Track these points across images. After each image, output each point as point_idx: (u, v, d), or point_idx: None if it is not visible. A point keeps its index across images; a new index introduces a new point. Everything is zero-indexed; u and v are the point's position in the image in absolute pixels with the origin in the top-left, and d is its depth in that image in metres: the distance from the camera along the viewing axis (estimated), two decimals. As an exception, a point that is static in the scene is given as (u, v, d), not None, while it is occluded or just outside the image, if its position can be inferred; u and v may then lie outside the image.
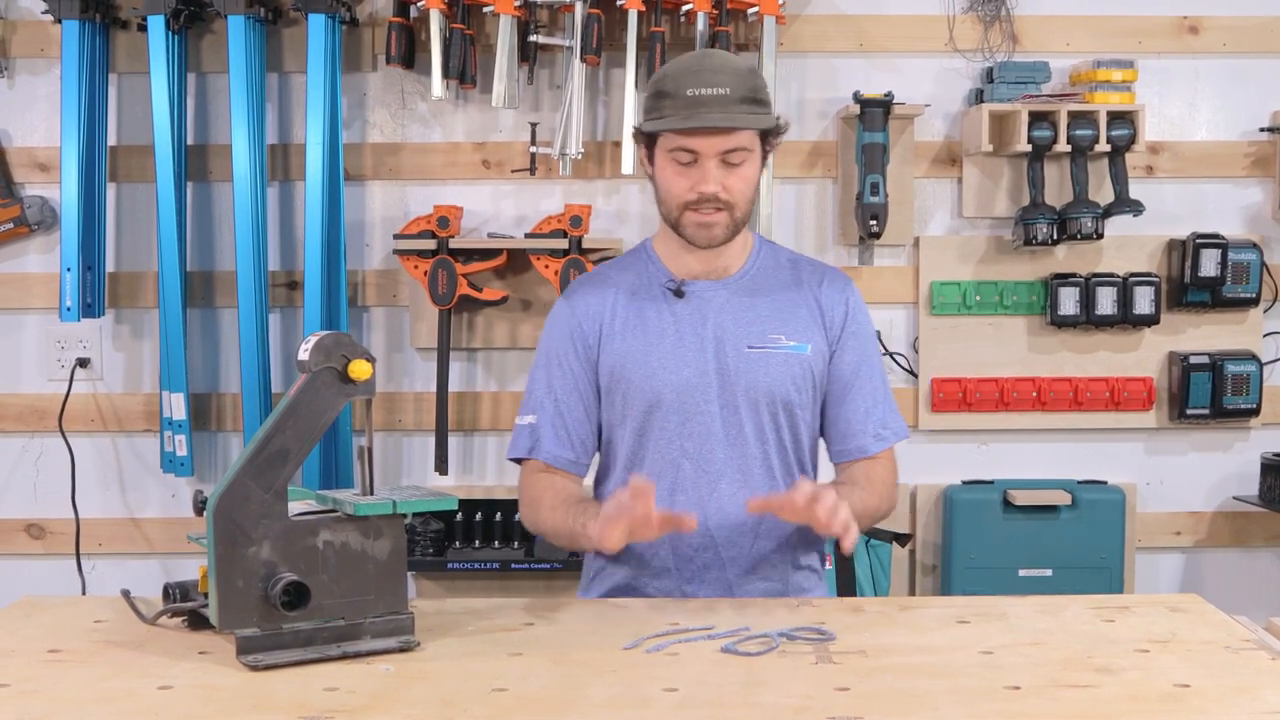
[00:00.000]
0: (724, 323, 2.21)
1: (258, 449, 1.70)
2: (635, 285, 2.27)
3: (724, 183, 2.13)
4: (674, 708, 1.53)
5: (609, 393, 2.25)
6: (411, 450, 3.65)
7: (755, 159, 2.16)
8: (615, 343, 2.23)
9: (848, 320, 2.27)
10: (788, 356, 2.21)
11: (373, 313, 3.62)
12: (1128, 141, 3.43)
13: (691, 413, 2.19)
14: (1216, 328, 3.64)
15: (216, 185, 3.57)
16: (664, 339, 2.21)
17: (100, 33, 3.44)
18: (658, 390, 2.19)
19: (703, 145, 2.11)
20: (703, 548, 2.20)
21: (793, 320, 2.23)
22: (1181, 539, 3.70)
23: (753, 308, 2.23)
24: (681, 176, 2.14)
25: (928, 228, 3.63)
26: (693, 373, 2.19)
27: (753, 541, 2.21)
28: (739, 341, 2.20)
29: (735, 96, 2.10)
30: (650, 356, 2.21)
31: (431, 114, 3.59)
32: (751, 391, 2.19)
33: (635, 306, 2.24)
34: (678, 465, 2.20)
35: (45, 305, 3.55)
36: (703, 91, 2.09)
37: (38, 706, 1.54)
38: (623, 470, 2.25)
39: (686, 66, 2.14)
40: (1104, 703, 1.55)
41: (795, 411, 2.23)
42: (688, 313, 2.22)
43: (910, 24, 3.59)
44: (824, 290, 2.27)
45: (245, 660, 1.67)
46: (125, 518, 3.64)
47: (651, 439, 2.21)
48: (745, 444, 2.20)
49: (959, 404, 3.61)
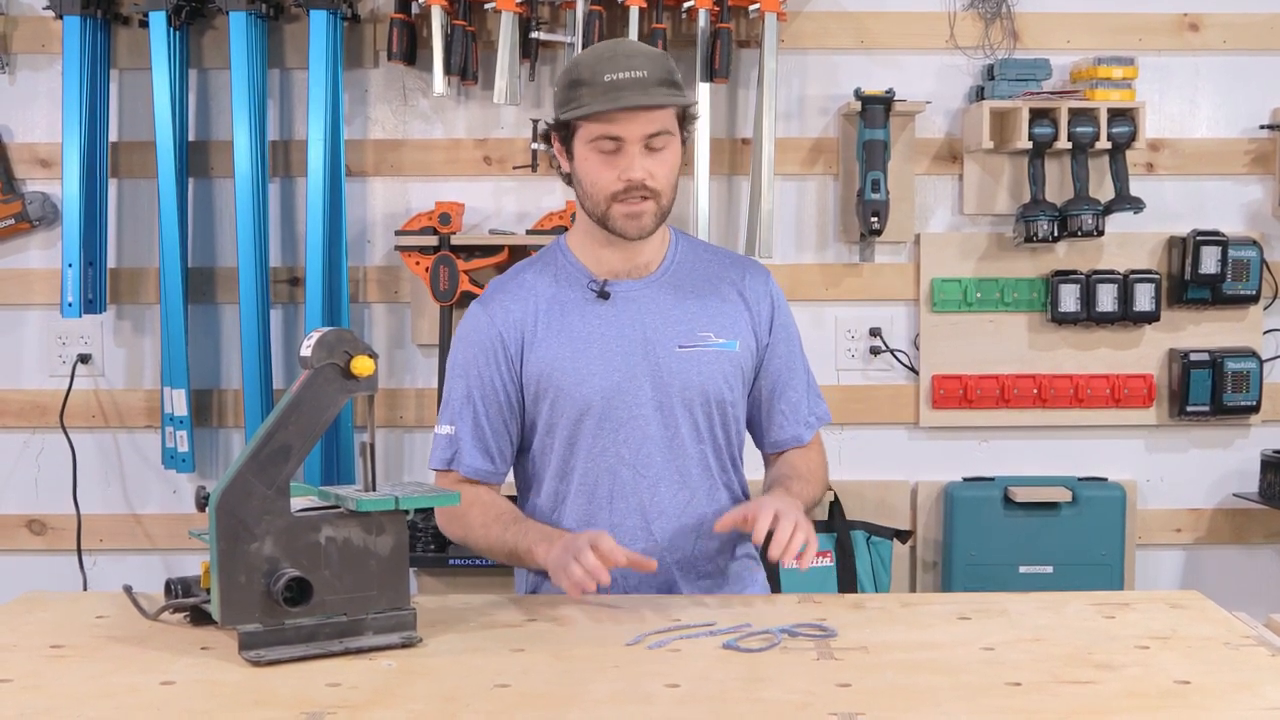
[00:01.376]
0: (652, 323, 2.17)
1: (260, 445, 1.70)
2: (555, 288, 2.20)
3: (649, 169, 2.08)
4: (676, 704, 1.54)
5: (535, 401, 2.18)
6: (413, 446, 3.65)
7: (676, 144, 2.12)
8: (539, 350, 2.17)
9: (775, 313, 2.25)
10: (718, 354, 2.18)
11: (374, 309, 3.63)
12: (1128, 139, 3.43)
13: (625, 418, 2.15)
14: (1217, 325, 3.64)
15: (218, 181, 3.57)
16: (591, 343, 2.16)
17: (102, 28, 3.44)
18: (587, 397, 2.14)
19: (626, 130, 2.05)
20: (646, 552, 2.14)
21: (720, 316, 2.20)
22: (1182, 536, 3.71)
23: (679, 305, 2.19)
24: (606, 167, 2.08)
25: (928, 225, 3.63)
26: (623, 377, 2.15)
27: (694, 541, 2.19)
28: (669, 341, 2.16)
29: (653, 79, 2.05)
30: (578, 362, 2.15)
31: (433, 110, 3.59)
32: (686, 392, 2.16)
33: (558, 311, 2.18)
34: (614, 471, 2.16)
35: (47, 301, 3.55)
36: (620, 75, 2.04)
37: (39, 702, 1.55)
38: (554, 479, 2.20)
39: (599, 54, 2.09)
40: (1104, 699, 1.55)
41: (728, 409, 2.21)
42: (614, 314, 2.17)
43: (911, 21, 3.59)
44: (747, 284, 2.25)
45: (247, 656, 1.67)
46: (126, 513, 3.64)
47: (583, 446, 2.17)
48: (682, 445, 2.17)
49: (960, 401, 3.61)
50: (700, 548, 2.20)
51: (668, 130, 2.09)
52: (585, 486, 2.18)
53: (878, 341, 3.62)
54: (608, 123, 2.06)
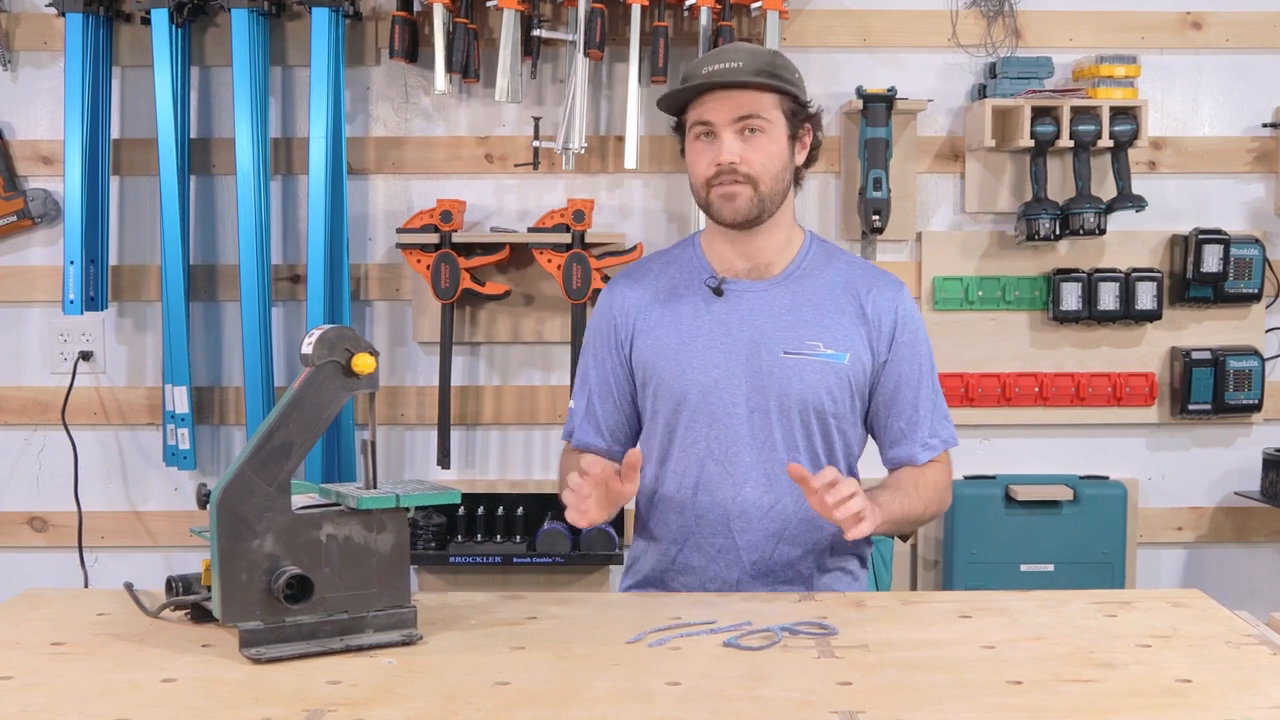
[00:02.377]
0: (761, 325, 2.19)
1: (261, 442, 1.70)
2: (676, 280, 2.26)
3: (742, 154, 2.11)
4: (676, 701, 1.54)
5: (643, 387, 2.25)
6: (414, 444, 3.65)
7: (778, 132, 2.14)
8: (648, 338, 2.22)
9: (897, 329, 2.23)
10: (824, 365, 2.18)
11: (375, 307, 3.63)
12: (1130, 137, 3.43)
13: (718, 414, 2.18)
14: (1219, 323, 3.64)
15: (219, 179, 3.57)
16: (696, 338, 2.20)
17: (104, 26, 3.44)
18: (684, 389, 2.19)
19: (715, 114, 2.11)
20: (724, 549, 2.20)
21: (834, 327, 2.20)
22: (1183, 534, 3.71)
23: (793, 311, 2.20)
24: (702, 153, 2.14)
25: (930, 223, 3.63)
26: (722, 374, 2.18)
27: (775, 546, 2.20)
28: (775, 346, 2.18)
29: (748, 69, 2.11)
30: (681, 354, 2.20)
31: (434, 108, 3.59)
32: (783, 398, 2.17)
33: (672, 302, 2.23)
34: (703, 464, 2.20)
35: (48, 298, 3.56)
36: (717, 67, 2.11)
37: (40, 699, 1.55)
38: (655, 464, 2.26)
39: (708, 54, 2.18)
40: (1106, 697, 1.55)
41: (829, 420, 2.20)
42: (724, 312, 2.20)
43: (913, 19, 3.59)
44: (873, 296, 2.23)
45: (248, 653, 1.67)
46: (128, 511, 3.64)
47: (679, 436, 2.21)
48: (773, 449, 2.18)
49: (961, 399, 3.61)
50: (781, 553, 2.21)
51: (762, 115, 2.12)
52: (676, 475, 2.22)
53: (879, 340, 3.62)
54: (699, 109, 2.12)
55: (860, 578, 2.32)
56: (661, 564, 2.27)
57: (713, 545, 2.21)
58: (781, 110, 2.15)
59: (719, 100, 2.11)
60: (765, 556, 2.20)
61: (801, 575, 2.23)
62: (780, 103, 2.15)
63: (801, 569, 2.23)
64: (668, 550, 2.25)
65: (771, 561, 2.21)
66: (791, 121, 2.17)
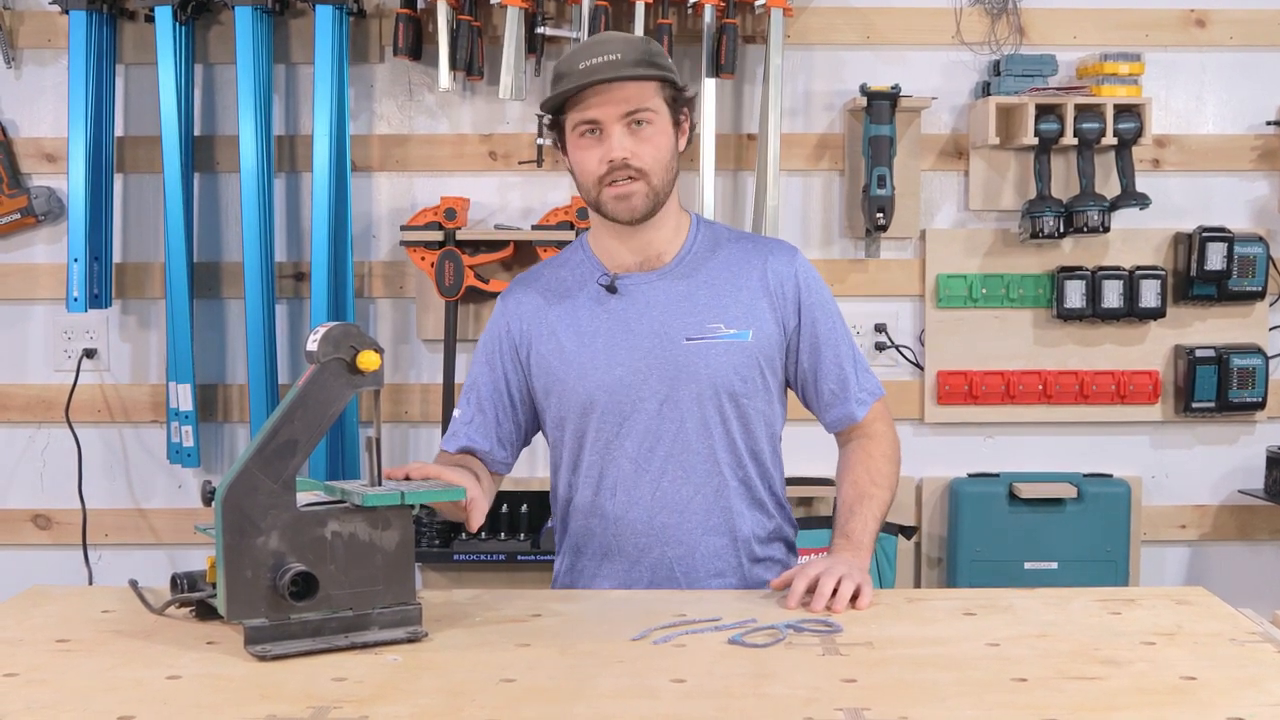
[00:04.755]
0: (659, 316, 2.15)
1: (266, 440, 1.70)
2: (569, 283, 2.21)
3: (632, 150, 2.06)
4: (681, 698, 1.53)
5: (545, 395, 2.20)
6: (418, 441, 3.66)
7: (664, 124, 2.10)
8: (545, 344, 2.18)
9: (802, 292, 2.19)
10: (728, 345, 2.14)
11: (379, 304, 3.63)
12: (1134, 135, 3.43)
13: (628, 411, 2.14)
14: (1222, 321, 3.64)
15: (223, 176, 3.57)
16: (596, 338, 2.16)
17: (107, 23, 3.44)
18: (590, 391, 2.14)
19: (601, 111, 2.05)
20: (648, 547, 2.16)
21: (734, 306, 2.16)
22: (1187, 532, 3.71)
23: (689, 297, 2.16)
24: (590, 152, 2.08)
25: (934, 220, 3.63)
26: (625, 371, 2.14)
27: (699, 538, 2.17)
28: (676, 334, 2.14)
29: (628, 60, 2.05)
30: (582, 356, 2.15)
31: (438, 105, 3.59)
32: (693, 385, 2.14)
33: (568, 305, 2.19)
34: (618, 465, 2.16)
35: (52, 296, 3.56)
36: (594, 61, 2.04)
37: (45, 696, 1.55)
38: (567, 470, 2.22)
39: (579, 47, 2.10)
40: (1110, 695, 1.55)
41: (742, 401, 2.16)
42: (621, 309, 2.16)
43: (917, 17, 3.59)
44: (771, 266, 2.19)
45: (253, 650, 1.67)
46: (132, 508, 3.65)
47: (589, 439, 2.17)
48: (687, 439, 2.15)
49: (965, 397, 3.61)
50: (707, 545, 2.18)
51: (648, 108, 2.07)
52: (591, 479, 2.18)
53: (883, 337, 3.62)
54: (584, 108, 2.06)
55: (790, 564, 2.27)
56: (588, 571, 2.23)
57: (635, 546, 2.16)
58: (664, 98, 2.10)
59: (603, 96, 2.05)
60: (690, 551, 2.17)
61: (731, 566, 2.20)
62: (661, 90, 2.10)
63: (730, 560, 2.20)
64: (592, 556, 2.22)
65: (699, 555, 2.18)
66: (673, 108, 2.12)
